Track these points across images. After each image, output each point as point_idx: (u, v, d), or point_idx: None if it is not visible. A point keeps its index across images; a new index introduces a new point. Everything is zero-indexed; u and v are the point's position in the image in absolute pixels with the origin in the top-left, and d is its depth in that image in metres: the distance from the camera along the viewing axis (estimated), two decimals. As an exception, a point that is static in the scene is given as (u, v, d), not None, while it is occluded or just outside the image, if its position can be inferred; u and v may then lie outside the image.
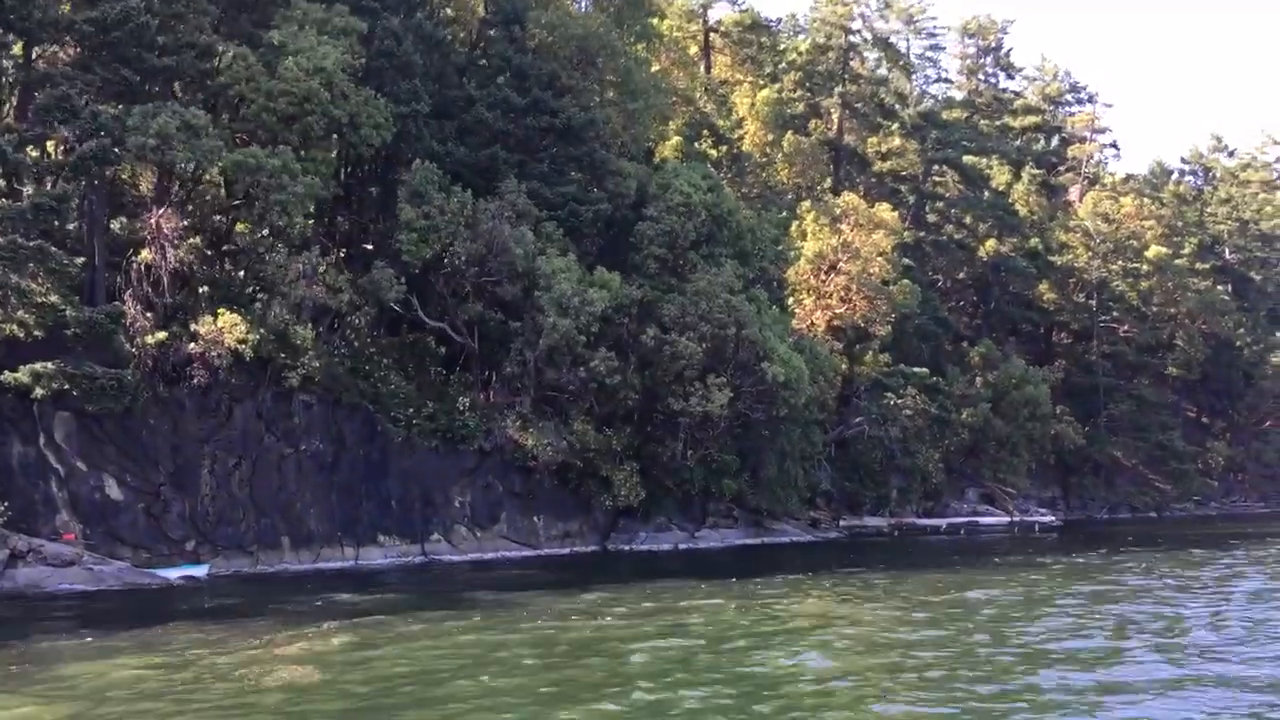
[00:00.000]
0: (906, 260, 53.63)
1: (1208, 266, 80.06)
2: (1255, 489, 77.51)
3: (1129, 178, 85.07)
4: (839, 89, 60.94)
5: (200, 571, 31.53)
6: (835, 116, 61.61)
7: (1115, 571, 34.11)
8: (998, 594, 28.22)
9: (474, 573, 33.28)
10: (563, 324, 33.98)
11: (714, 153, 45.84)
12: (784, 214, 46.68)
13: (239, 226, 34.17)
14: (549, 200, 37.87)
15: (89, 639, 20.78)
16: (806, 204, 52.39)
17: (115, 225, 33.56)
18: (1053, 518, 55.08)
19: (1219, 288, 78.96)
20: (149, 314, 31.51)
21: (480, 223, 34.09)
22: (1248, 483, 77.29)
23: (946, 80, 78.37)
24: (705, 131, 46.36)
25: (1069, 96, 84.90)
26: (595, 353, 35.20)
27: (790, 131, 55.80)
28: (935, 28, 70.79)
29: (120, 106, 30.41)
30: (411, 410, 36.07)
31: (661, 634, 21.68)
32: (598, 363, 35.03)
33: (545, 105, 38.29)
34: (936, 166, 64.34)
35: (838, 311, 49.49)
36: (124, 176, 34.26)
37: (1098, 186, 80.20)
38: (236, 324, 30.95)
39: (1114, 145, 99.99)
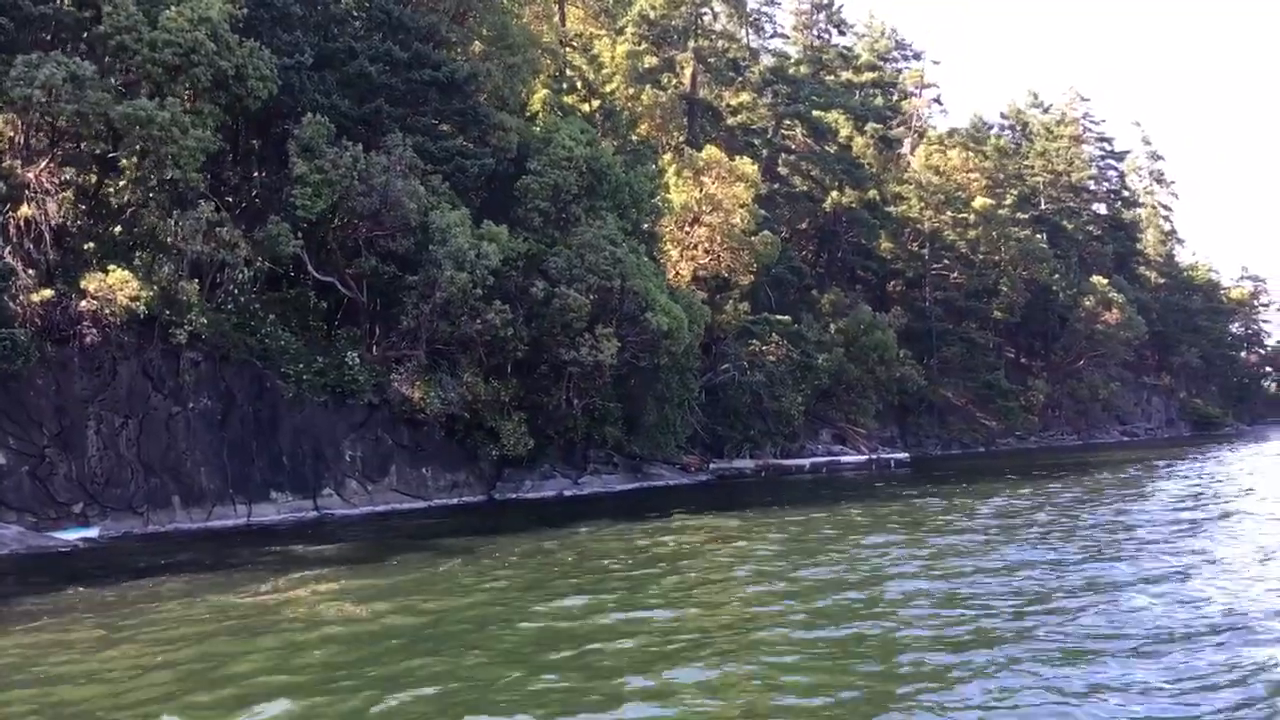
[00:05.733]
0: (763, 211, 55.61)
1: (1026, 216, 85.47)
2: (1070, 423, 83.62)
3: (952, 132, 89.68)
4: (692, 44, 62.25)
5: (92, 533, 30.96)
6: (688, 72, 62.92)
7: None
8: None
9: (381, 523, 33.70)
10: (459, 278, 34.36)
11: (586, 107, 46.48)
12: (654, 167, 47.81)
13: (119, 181, 33.21)
14: (434, 154, 37.94)
15: (77, 590, 21.01)
16: (668, 157, 53.72)
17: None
18: (905, 455, 58.48)
19: (1037, 236, 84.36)
20: (30, 271, 30.55)
21: (373, 176, 34.05)
22: (1063, 417, 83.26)
23: (783, 35, 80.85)
24: (579, 85, 46.93)
25: (895, 53, 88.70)
26: (490, 306, 35.76)
27: (650, 86, 56.83)
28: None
29: (-4, 56, 29.24)
30: (301, 366, 35.90)
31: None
32: (493, 315, 35.58)
33: (428, 59, 38.26)
34: (786, 121, 66.50)
35: (702, 263, 51.17)
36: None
37: (925, 140, 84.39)
38: (128, 281, 30.30)
39: (938, 100, 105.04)
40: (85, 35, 31.21)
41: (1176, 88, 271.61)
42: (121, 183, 31.93)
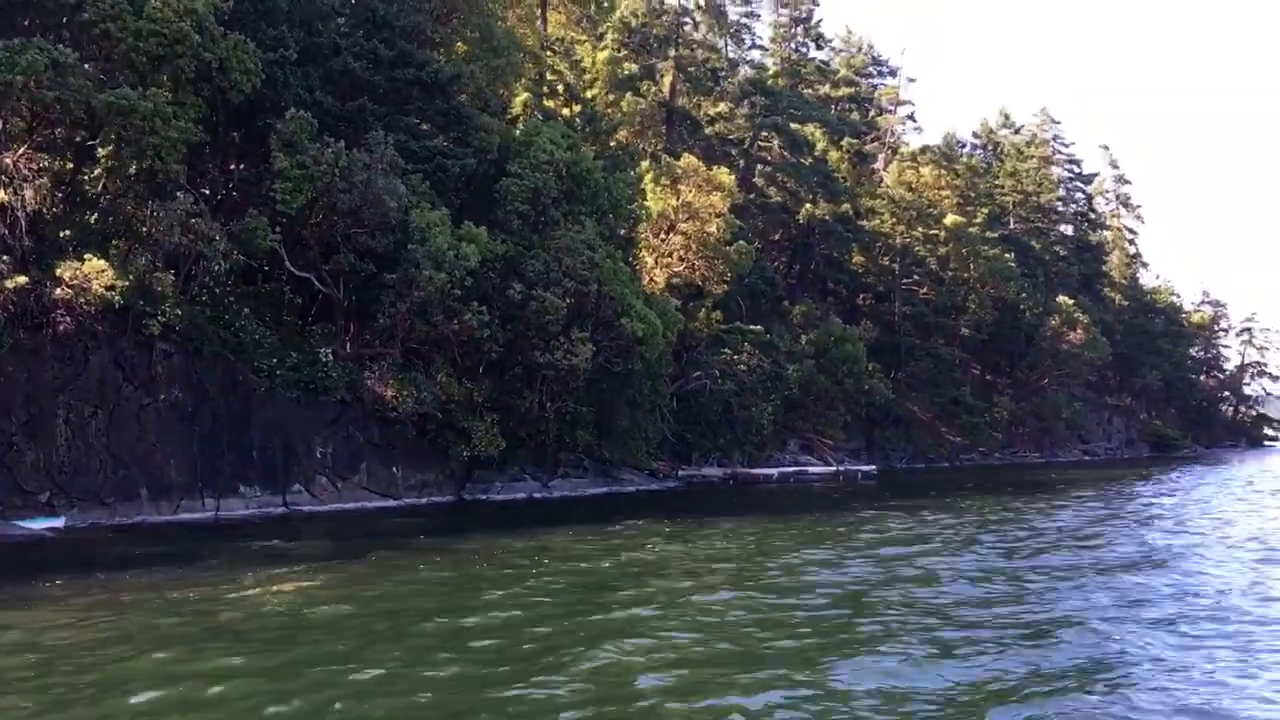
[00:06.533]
0: (738, 221, 55.88)
1: (995, 235, 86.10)
2: (1033, 440, 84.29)
3: (925, 149, 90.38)
4: (673, 52, 62.52)
5: (59, 523, 30.72)
6: (668, 80, 63.19)
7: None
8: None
9: (351, 521, 33.66)
10: (438, 277, 34.39)
11: (567, 111, 46.60)
12: (633, 174, 48.01)
13: (95, 169, 33.04)
14: (415, 153, 37.97)
15: (59, 581, 21.18)
16: (646, 164, 53.91)
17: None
18: (873, 467, 58.90)
19: (1005, 255, 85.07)
20: (4, 257, 30.28)
21: (354, 173, 34.03)
22: (1026, 435, 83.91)
23: (762, 48, 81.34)
24: (560, 90, 47.07)
25: (872, 69, 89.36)
26: (467, 306, 35.79)
27: (630, 93, 57.05)
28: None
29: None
30: (274, 361, 35.76)
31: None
32: (470, 316, 35.62)
33: (412, 58, 38.28)
34: (764, 132, 66.89)
35: (677, 270, 51.39)
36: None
37: (898, 156, 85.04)
38: (103, 270, 30.12)
39: (912, 118, 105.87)
40: (67, 21, 30.99)
41: (1146, 109, 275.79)
42: (98, 171, 31.73)
